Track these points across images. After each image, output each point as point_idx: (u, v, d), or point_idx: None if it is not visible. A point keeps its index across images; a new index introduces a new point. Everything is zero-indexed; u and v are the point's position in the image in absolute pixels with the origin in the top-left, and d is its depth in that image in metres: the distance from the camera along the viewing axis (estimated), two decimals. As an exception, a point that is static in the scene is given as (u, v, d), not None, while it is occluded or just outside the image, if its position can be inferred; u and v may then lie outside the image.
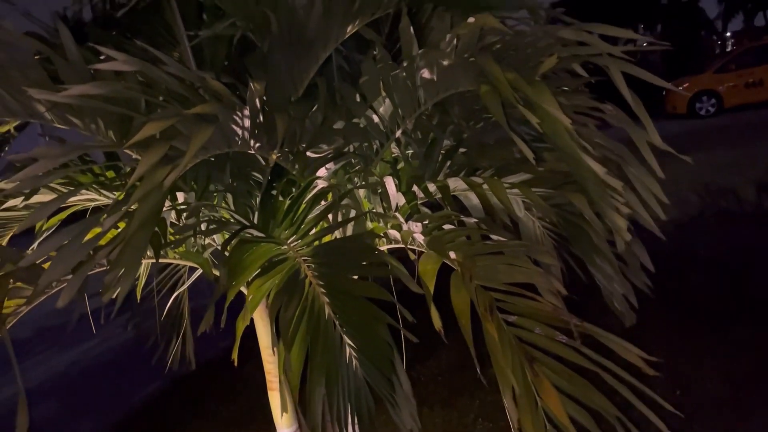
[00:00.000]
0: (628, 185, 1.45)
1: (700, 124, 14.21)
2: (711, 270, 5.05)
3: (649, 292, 1.94)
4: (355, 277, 1.72)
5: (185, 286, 2.83)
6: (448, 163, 2.14)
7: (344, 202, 1.97)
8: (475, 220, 1.75)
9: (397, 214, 1.82)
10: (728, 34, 31.54)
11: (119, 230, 1.32)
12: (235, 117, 1.52)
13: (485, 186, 1.86)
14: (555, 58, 1.23)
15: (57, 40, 1.72)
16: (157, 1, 2.16)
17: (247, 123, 1.57)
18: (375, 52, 1.81)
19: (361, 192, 2.11)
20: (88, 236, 1.26)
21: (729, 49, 27.51)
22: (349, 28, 1.93)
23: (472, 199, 2.17)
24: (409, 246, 1.74)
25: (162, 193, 1.28)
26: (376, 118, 2.02)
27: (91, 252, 1.21)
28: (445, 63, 1.54)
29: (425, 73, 1.69)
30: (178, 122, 1.32)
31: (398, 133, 2.02)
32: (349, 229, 2.06)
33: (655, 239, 1.78)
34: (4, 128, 1.86)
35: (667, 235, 1.83)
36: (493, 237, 1.62)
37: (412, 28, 1.67)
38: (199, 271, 2.45)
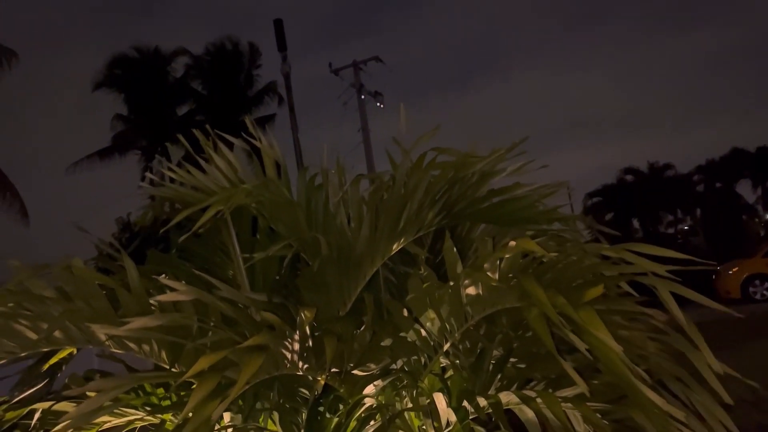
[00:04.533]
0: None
1: (756, 309, 13.68)
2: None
3: None
4: None
5: None
6: (499, 375, 2.08)
7: (393, 421, 1.90)
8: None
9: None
10: (770, 217, 31.65)
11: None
12: (285, 342, 1.54)
13: (539, 400, 1.79)
14: (601, 288, 1.24)
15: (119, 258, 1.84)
16: (215, 224, 2.32)
17: (296, 346, 1.59)
18: (421, 271, 1.86)
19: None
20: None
21: (774, 231, 27.44)
22: (394, 246, 2.02)
23: (527, 413, 2.07)
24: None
25: (210, 427, 1.27)
26: (423, 332, 2.02)
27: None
28: (491, 283, 1.57)
29: (471, 290, 1.72)
30: (230, 352, 1.34)
31: (447, 346, 2.00)
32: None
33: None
34: (64, 353, 1.93)
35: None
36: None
37: (455, 249, 1.73)
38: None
